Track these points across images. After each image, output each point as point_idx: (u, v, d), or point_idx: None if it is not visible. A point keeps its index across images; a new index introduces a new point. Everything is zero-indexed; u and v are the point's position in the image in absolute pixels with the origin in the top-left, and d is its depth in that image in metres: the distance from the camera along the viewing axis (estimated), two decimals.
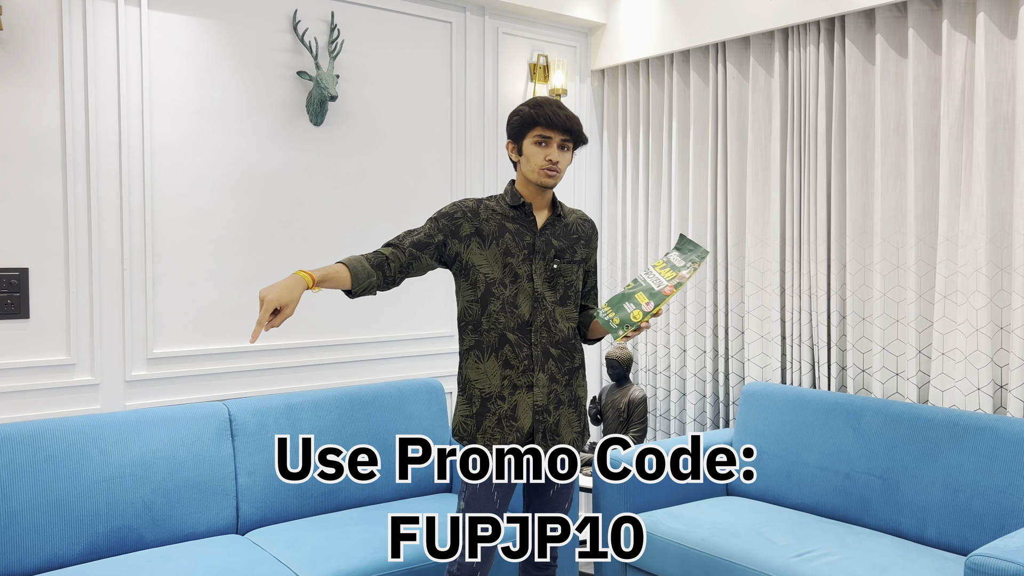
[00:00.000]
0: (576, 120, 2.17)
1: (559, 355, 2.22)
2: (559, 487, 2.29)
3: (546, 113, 2.13)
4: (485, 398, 2.19)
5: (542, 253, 2.21)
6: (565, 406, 2.23)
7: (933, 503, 2.60)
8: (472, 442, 2.20)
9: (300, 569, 2.42)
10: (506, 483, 2.19)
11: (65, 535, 2.43)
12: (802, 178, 3.24)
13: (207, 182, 2.95)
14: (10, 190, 2.60)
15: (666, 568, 2.73)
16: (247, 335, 3.04)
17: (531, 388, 2.18)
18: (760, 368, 3.38)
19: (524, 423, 2.17)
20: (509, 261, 2.18)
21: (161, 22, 2.84)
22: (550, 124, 2.13)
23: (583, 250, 2.30)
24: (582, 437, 2.29)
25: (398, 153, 3.40)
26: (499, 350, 2.18)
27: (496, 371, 2.18)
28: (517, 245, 2.19)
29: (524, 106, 2.18)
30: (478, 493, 2.17)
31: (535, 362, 2.18)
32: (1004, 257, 2.70)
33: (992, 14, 2.68)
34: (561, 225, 2.27)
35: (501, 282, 2.18)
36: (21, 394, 2.64)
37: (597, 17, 3.83)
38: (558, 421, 2.21)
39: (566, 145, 2.18)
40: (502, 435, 2.17)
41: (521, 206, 2.22)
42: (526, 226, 2.22)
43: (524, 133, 2.18)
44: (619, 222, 3.95)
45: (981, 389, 2.71)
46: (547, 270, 2.21)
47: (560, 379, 2.22)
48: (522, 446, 2.18)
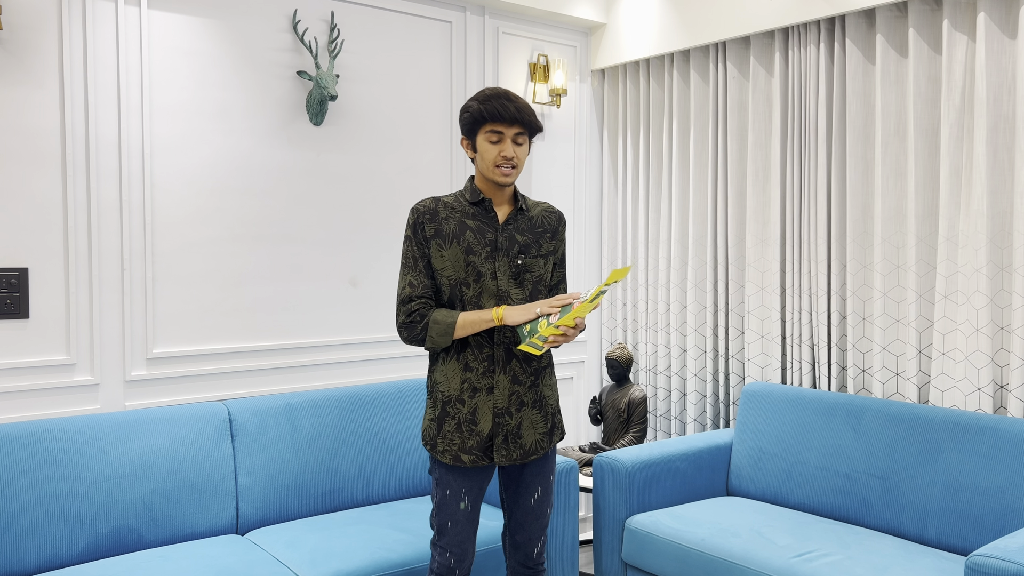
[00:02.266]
0: (527, 110, 2.09)
1: (524, 355, 2.17)
2: (539, 495, 2.24)
3: (495, 107, 2.05)
4: (445, 401, 2.15)
5: (505, 250, 2.15)
6: (528, 408, 2.18)
7: (933, 503, 2.60)
8: (434, 447, 2.16)
9: (300, 569, 2.42)
10: (475, 491, 2.18)
11: (65, 535, 2.43)
12: (802, 178, 3.24)
13: (207, 182, 2.95)
14: (10, 190, 2.60)
15: (666, 568, 2.73)
16: (247, 335, 3.04)
17: (491, 390, 2.13)
18: (760, 368, 3.38)
19: (484, 427, 2.13)
20: (472, 260, 2.12)
21: (161, 22, 2.84)
22: (500, 119, 2.06)
23: (549, 243, 2.23)
24: (550, 438, 2.23)
25: (398, 153, 3.40)
26: (460, 352, 2.14)
27: (456, 374, 2.14)
28: (479, 243, 2.13)
29: (473, 101, 2.10)
30: (448, 501, 2.16)
31: (496, 363, 2.13)
32: (1004, 257, 2.70)
33: (992, 14, 2.67)
34: (525, 219, 2.20)
35: (464, 282, 2.13)
36: (21, 394, 2.64)
37: (597, 17, 3.83)
38: (520, 424, 2.16)
39: (520, 139, 2.11)
40: (461, 440, 2.13)
41: (481, 202, 2.16)
42: (487, 223, 2.16)
43: (476, 130, 2.11)
44: (619, 222, 3.95)
45: (981, 389, 2.71)
46: (511, 267, 2.15)
47: (524, 380, 2.16)
48: (482, 451, 2.14)
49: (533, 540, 2.27)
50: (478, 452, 2.14)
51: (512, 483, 2.25)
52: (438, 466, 2.18)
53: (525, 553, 2.28)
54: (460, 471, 2.15)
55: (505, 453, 2.15)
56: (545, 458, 2.25)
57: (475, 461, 2.14)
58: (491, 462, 2.16)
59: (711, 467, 3.15)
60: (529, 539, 2.26)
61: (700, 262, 3.60)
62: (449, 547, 2.18)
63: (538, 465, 2.24)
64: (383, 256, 3.37)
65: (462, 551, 2.19)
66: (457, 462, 2.14)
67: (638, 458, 2.96)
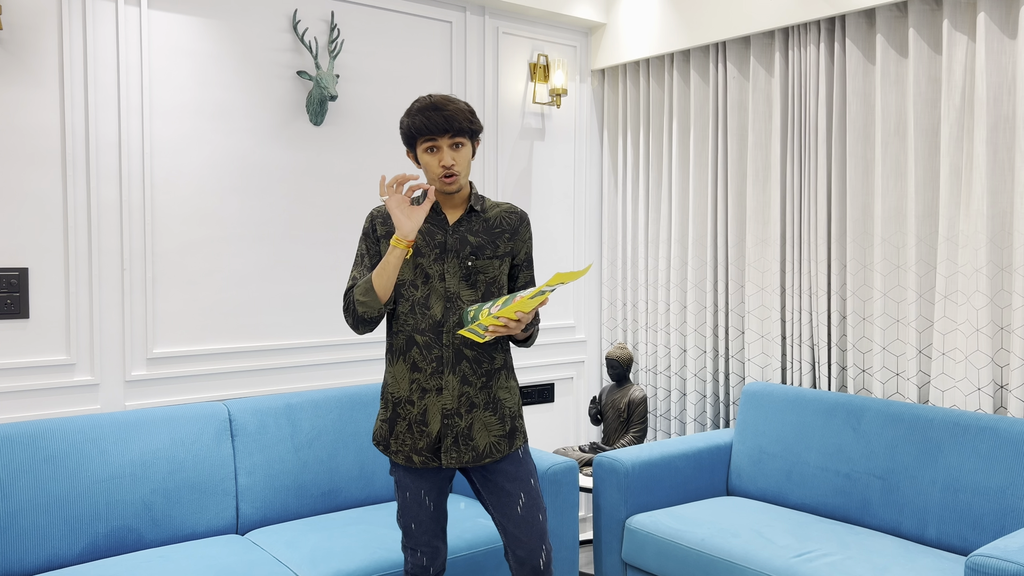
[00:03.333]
0: (458, 115, 2.04)
1: (474, 356, 2.13)
2: (524, 501, 2.16)
3: (422, 121, 2.03)
4: (395, 403, 2.15)
5: (455, 251, 2.12)
6: (480, 409, 2.13)
7: (933, 503, 2.60)
8: (387, 448, 2.16)
9: (300, 569, 2.42)
10: (436, 490, 2.17)
11: (65, 535, 2.43)
12: (802, 178, 3.24)
13: (207, 182, 2.95)
14: (10, 190, 2.60)
15: (666, 568, 2.73)
16: (247, 335, 3.04)
17: (440, 391, 2.11)
18: (760, 368, 3.38)
19: (433, 428, 2.11)
20: (420, 261, 2.11)
21: (161, 22, 2.84)
22: (429, 131, 2.03)
23: (507, 244, 2.19)
24: (510, 441, 2.17)
25: (398, 153, 3.40)
26: (407, 353, 2.13)
27: (404, 375, 2.13)
28: (428, 244, 2.12)
29: (405, 116, 2.08)
30: (410, 503, 2.17)
31: (445, 364, 2.11)
32: (1004, 257, 2.70)
33: (992, 14, 2.67)
34: (479, 220, 2.17)
35: (412, 283, 2.12)
36: (21, 394, 2.64)
37: (597, 17, 3.83)
38: (471, 425, 2.12)
39: (457, 144, 2.07)
40: (412, 441, 2.12)
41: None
42: (437, 224, 2.14)
43: (413, 144, 2.09)
44: (619, 222, 3.95)
45: (981, 389, 2.71)
46: (462, 268, 2.12)
47: (475, 381, 2.13)
48: (432, 452, 2.12)
49: (535, 552, 2.16)
50: (428, 453, 2.12)
51: (491, 495, 2.19)
52: (395, 467, 2.18)
53: (532, 567, 2.17)
54: (416, 472, 2.15)
55: (456, 455, 2.11)
56: (518, 463, 2.18)
57: (425, 463, 2.12)
58: (440, 464, 2.13)
59: (711, 467, 3.15)
60: (531, 552, 2.15)
61: (700, 262, 3.60)
62: (418, 547, 2.20)
63: (511, 471, 2.17)
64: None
65: (432, 549, 2.20)
66: (409, 463, 2.13)
67: (638, 458, 2.96)
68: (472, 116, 2.10)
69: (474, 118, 2.10)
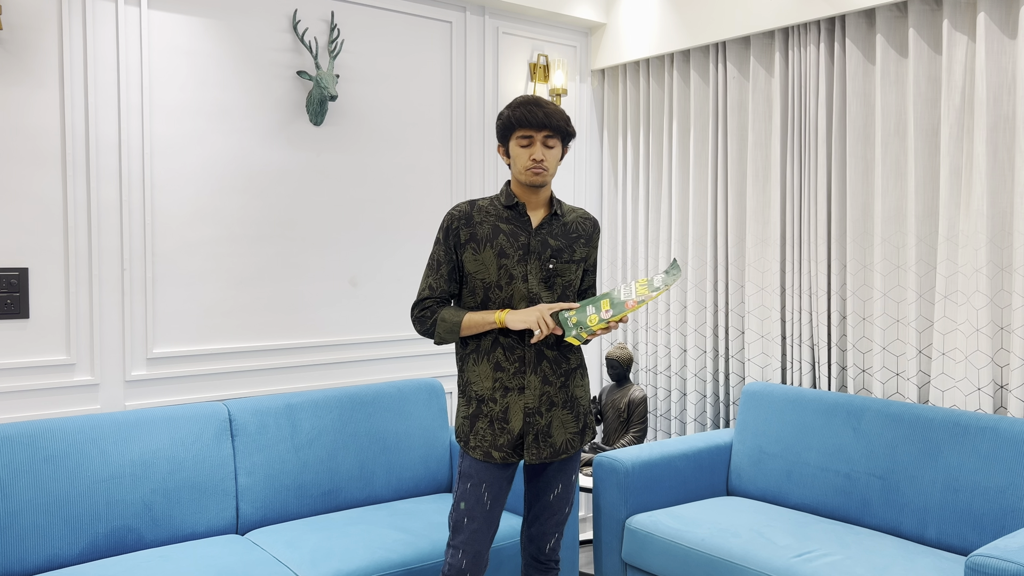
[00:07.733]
0: (556, 115, 2.16)
1: (554, 356, 2.22)
2: (559, 491, 2.29)
3: (522, 114, 2.15)
4: (479, 400, 2.21)
5: (537, 253, 2.21)
6: (559, 408, 2.23)
7: (933, 503, 2.60)
8: (466, 443, 2.21)
9: (300, 569, 2.42)
10: (497, 486, 2.20)
11: (65, 535, 2.43)
12: (802, 178, 3.24)
13: (207, 182, 2.95)
14: (10, 190, 2.60)
15: (666, 568, 2.73)
16: (247, 335, 3.04)
17: (522, 390, 2.19)
18: (760, 368, 3.38)
19: (515, 425, 2.18)
20: (504, 263, 2.18)
21: (161, 22, 2.84)
22: (528, 124, 2.14)
23: (583, 249, 2.29)
24: (581, 438, 2.29)
25: (398, 153, 3.40)
26: (491, 353, 2.20)
27: (488, 374, 2.20)
28: (512, 246, 2.19)
29: (506, 108, 2.21)
30: (468, 495, 2.19)
31: (527, 364, 2.19)
32: (1004, 257, 2.70)
33: (992, 14, 2.67)
34: (559, 224, 2.26)
35: (497, 284, 2.19)
36: (21, 394, 2.64)
37: (597, 17, 3.83)
38: (550, 423, 2.21)
39: (550, 142, 2.18)
40: (493, 437, 2.18)
41: (515, 206, 2.23)
42: (521, 226, 2.22)
43: (508, 136, 2.20)
44: (619, 222, 3.95)
45: (981, 389, 2.71)
46: (543, 270, 2.20)
47: (554, 381, 2.22)
48: (512, 448, 2.19)
49: (547, 535, 2.31)
50: (508, 449, 2.19)
51: (535, 478, 2.30)
52: (467, 461, 2.22)
53: (538, 547, 2.32)
54: (487, 466, 2.20)
55: (536, 451, 2.20)
56: (570, 456, 2.29)
57: (505, 458, 2.18)
58: (520, 459, 2.21)
59: (711, 467, 3.15)
60: (543, 533, 2.30)
61: (700, 262, 3.60)
62: (463, 547, 2.18)
63: (562, 462, 2.28)
64: (383, 256, 3.37)
65: (476, 554, 2.18)
66: (488, 458, 2.18)
67: (638, 458, 2.96)
68: (569, 120, 2.21)
69: (570, 123, 2.21)
